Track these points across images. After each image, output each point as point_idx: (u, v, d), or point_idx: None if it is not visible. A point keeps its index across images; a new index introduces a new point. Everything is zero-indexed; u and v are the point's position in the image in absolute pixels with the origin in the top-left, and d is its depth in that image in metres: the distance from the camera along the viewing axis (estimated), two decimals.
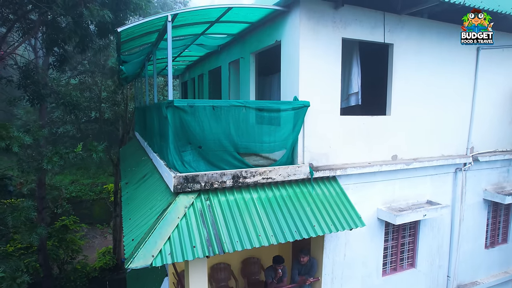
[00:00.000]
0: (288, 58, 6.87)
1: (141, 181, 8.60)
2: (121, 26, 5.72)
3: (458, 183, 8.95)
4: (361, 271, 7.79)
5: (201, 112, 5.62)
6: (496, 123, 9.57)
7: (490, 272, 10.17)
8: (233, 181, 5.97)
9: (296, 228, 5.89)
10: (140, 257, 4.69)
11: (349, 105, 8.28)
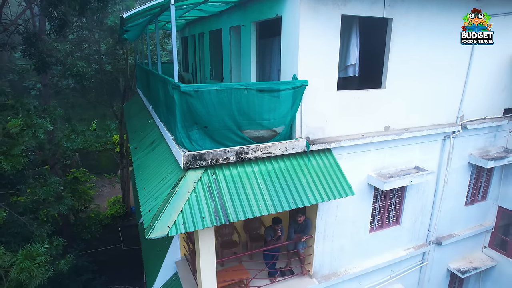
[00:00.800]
0: (288, 36, 7.06)
1: (149, 148, 9.23)
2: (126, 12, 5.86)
3: (446, 149, 9.58)
4: (350, 229, 8.76)
5: (206, 95, 6.04)
6: (489, 91, 9.91)
7: (467, 226, 11.28)
8: (236, 156, 6.58)
9: (292, 198, 6.65)
10: (158, 228, 5.48)
11: (347, 75, 8.57)
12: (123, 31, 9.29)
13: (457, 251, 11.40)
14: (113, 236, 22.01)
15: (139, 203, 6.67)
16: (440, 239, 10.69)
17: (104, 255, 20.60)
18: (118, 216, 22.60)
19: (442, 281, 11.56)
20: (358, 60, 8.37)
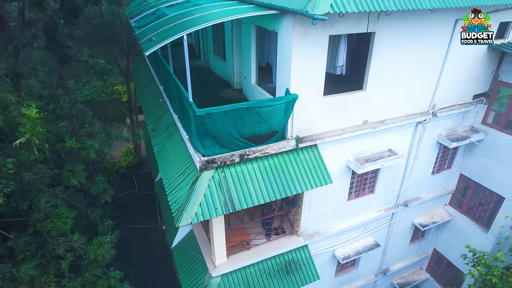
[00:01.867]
0: (282, 51, 8.27)
1: (165, 133, 10.94)
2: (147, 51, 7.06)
3: (417, 133, 11.26)
4: (331, 200, 10.90)
5: (215, 116, 7.60)
6: (461, 81, 11.22)
7: (432, 190, 13.48)
8: (240, 158, 8.37)
9: (283, 188, 8.60)
10: (184, 219, 7.53)
11: (336, 73, 9.89)
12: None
13: (422, 209, 13.78)
14: (129, 183, 24.70)
15: (166, 192, 8.64)
16: (407, 202, 12.97)
17: (122, 200, 23.44)
18: (131, 166, 24.98)
19: (407, 233, 14.18)
20: (345, 62, 9.62)
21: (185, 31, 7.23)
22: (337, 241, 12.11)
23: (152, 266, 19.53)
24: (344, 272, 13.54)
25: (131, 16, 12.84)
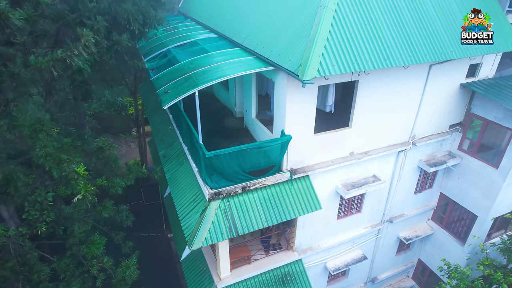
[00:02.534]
0: (278, 101, 9.72)
1: (176, 161, 12.37)
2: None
3: (399, 160, 12.71)
4: (322, 220, 12.34)
5: (222, 157, 9.04)
6: (438, 114, 12.65)
7: (415, 207, 14.92)
8: (242, 189, 9.82)
9: (279, 215, 10.05)
10: (195, 243, 8.97)
11: (326, 111, 11.33)
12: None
13: (406, 224, 15.23)
14: (136, 194, 26.12)
15: (179, 217, 10.09)
16: (392, 219, 14.42)
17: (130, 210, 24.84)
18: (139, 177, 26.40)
19: (393, 245, 15.63)
20: (333, 102, 11.06)
21: (196, 88, 8.68)
22: (328, 255, 13.56)
23: (159, 272, 20.98)
24: (335, 282, 14.99)
25: (143, 52, 14.26)
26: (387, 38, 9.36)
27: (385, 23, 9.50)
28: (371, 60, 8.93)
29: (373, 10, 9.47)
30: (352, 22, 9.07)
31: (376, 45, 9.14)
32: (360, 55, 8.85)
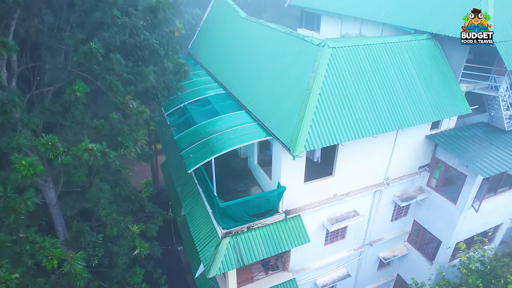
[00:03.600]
0: (276, 159, 12.44)
1: (192, 199, 15.10)
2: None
3: (376, 197, 15.42)
4: (312, 246, 15.04)
5: (232, 206, 11.79)
6: (408, 159, 15.35)
7: (392, 232, 17.65)
8: (247, 228, 12.56)
9: (276, 248, 12.79)
10: (211, 273, 11.73)
11: (314, 161, 14.03)
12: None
13: (385, 246, 17.96)
14: None
15: (197, 249, 12.82)
16: (372, 242, 17.15)
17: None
18: (151, 196, 29.12)
19: (374, 263, 18.36)
20: (320, 154, 13.76)
21: (212, 156, 11.43)
22: (318, 274, 16.31)
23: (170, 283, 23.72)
24: None
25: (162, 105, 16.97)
26: (360, 114, 12.07)
27: (359, 102, 12.22)
28: (347, 134, 11.65)
29: (349, 91, 12.18)
30: (332, 102, 11.79)
31: (351, 121, 11.85)
32: (339, 130, 11.57)
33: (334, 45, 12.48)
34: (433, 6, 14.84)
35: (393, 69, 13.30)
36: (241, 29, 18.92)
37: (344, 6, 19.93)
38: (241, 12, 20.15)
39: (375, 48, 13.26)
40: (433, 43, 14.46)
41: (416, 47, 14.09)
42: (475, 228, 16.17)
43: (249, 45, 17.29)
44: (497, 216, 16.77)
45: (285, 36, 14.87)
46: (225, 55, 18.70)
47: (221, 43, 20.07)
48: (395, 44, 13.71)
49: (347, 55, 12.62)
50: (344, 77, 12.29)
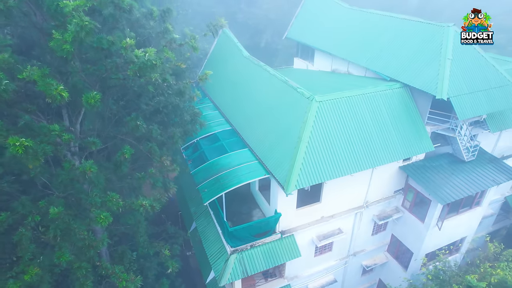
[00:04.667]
0: (273, 192, 15.49)
1: (204, 219, 18.18)
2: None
3: (357, 217, 18.49)
4: (304, 258, 18.13)
5: (239, 230, 14.86)
6: (384, 185, 18.39)
7: (373, 244, 20.74)
8: (250, 246, 15.67)
9: (273, 261, 15.88)
10: (222, 281, 14.85)
11: (305, 189, 17.06)
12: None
13: (367, 256, 21.05)
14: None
15: (210, 262, 15.93)
16: (356, 253, 20.25)
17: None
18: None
19: (358, 270, 21.47)
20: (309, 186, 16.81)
21: (223, 191, 14.49)
22: (309, 280, 19.43)
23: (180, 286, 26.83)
24: None
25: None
26: (340, 157, 15.09)
27: (340, 146, 15.23)
28: (330, 173, 14.68)
29: (332, 137, 15.19)
30: (318, 148, 14.81)
31: (333, 163, 14.88)
32: (323, 171, 14.60)
33: (321, 99, 15.48)
34: (404, 60, 17.81)
35: (369, 116, 16.30)
36: (243, 68, 21.86)
37: (334, 47, 22.87)
38: (243, 51, 23.08)
39: (355, 99, 16.25)
40: (405, 91, 17.44)
41: (390, 95, 17.08)
42: (441, 242, 19.27)
43: (250, 85, 20.28)
44: (460, 231, 19.85)
45: (281, 84, 17.85)
46: (230, 91, 21.67)
47: (226, 78, 23.02)
48: (372, 94, 16.69)
49: (331, 107, 15.62)
50: (328, 125, 15.30)
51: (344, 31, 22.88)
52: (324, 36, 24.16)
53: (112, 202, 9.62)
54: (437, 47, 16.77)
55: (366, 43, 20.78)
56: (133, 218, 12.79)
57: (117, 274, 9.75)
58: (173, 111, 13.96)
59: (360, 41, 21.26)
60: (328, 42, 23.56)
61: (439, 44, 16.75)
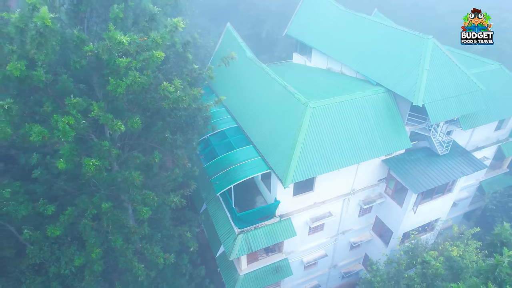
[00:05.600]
0: (274, 184, 18.49)
1: (214, 204, 21.33)
2: None
3: (345, 202, 21.62)
4: (300, 236, 21.42)
5: (245, 215, 18.00)
6: (369, 175, 21.37)
7: (359, 224, 24.03)
8: (254, 228, 18.89)
9: (272, 240, 19.16)
10: (231, 256, 18.17)
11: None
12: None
13: (355, 234, 24.40)
14: None
15: (220, 239, 19.22)
16: (344, 231, 23.58)
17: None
18: None
19: (346, 246, 24.90)
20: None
21: (232, 184, 17.49)
22: (304, 254, 22.88)
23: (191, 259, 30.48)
24: (309, 269, 24.43)
25: None
26: (330, 154, 17.95)
27: (329, 145, 18.06)
28: (320, 168, 17.61)
29: (323, 138, 17.99)
30: (311, 147, 17.64)
31: (323, 159, 17.76)
32: (314, 167, 17.51)
33: (314, 105, 18.13)
34: (389, 67, 20.27)
35: (356, 118, 19.01)
36: (246, 69, 24.27)
37: (329, 48, 25.15)
38: (247, 51, 25.35)
39: (344, 104, 18.90)
40: (389, 95, 20.03)
41: (375, 100, 19.69)
42: (417, 223, 22.53)
43: (253, 86, 22.80)
44: (434, 214, 23.05)
45: (281, 88, 20.40)
46: (234, 90, 24.20)
47: (230, 77, 25.44)
48: (359, 99, 19.31)
49: (323, 111, 18.30)
50: (320, 128, 18.06)
51: (339, 33, 25.07)
52: (321, 36, 26.35)
53: (150, 199, 12.57)
54: (417, 57, 19.20)
55: (357, 47, 23.09)
56: (162, 209, 15.84)
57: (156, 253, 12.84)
58: (190, 119, 16.60)
59: (353, 44, 23.55)
60: (324, 42, 25.80)
61: (419, 54, 19.16)
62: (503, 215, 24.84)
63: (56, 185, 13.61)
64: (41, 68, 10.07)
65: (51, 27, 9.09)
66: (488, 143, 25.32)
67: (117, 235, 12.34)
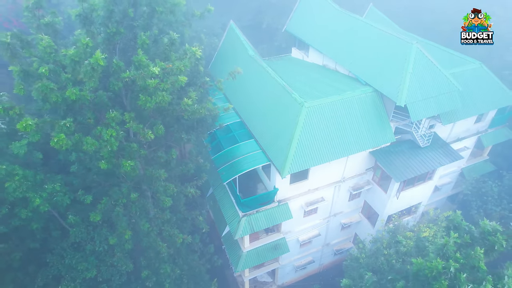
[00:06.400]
0: (273, 174, 21.17)
1: (221, 190, 24.12)
2: None
3: (336, 189, 24.38)
4: (296, 219, 24.31)
5: (248, 201, 20.80)
6: (358, 165, 24.01)
7: (349, 208, 26.90)
8: (256, 211, 21.73)
9: (272, 222, 22.04)
10: (236, 236, 21.11)
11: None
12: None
13: (345, 216, 27.33)
14: None
15: (226, 221, 22.13)
16: (336, 214, 26.49)
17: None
18: None
19: (338, 227, 27.88)
20: None
21: (236, 174, 20.17)
22: (299, 234, 25.88)
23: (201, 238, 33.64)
24: (304, 247, 27.51)
25: None
26: (322, 148, 20.52)
27: (322, 140, 20.58)
28: (314, 161, 20.22)
29: (316, 134, 20.49)
30: (305, 143, 20.18)
31: (316, 153, 20.34)
32: (308, 159, 20.12)
33: (309, 105, 20.52)
34: (377, 68, 22.49)
35: (346, 116, 21.45)
36: (248, 66, 26.44)
37: (324, 46, 27.22)
38: (249, 49, 27.43)
39: (336, 103, 21.28)
40: (376, 95, 22.36)
41: (364, 99, 22.06)
42: (400, 206, 25.37)
43: (255, 83, 25.08)
44: (416, 199, 25.86)
45: (279, 87, 22.71)
46: (237, 86, 26.46)
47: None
48: (349, 99, 21.67)
49: (317, 110, 20.72)
50: (314, 125, 20.54)
51: (333, 33, 27.06)
52: (317, 34, 28.33)
53: (170, 190, 15.20)
54: (402, 60, 21.40)
55: (350, 47, 25.19)
56: (177, 196, 18.53)
57: (176, 234, 15.62)
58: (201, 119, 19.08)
59: (346, 44, 25.62)
60: (320, 40, 27.82)
61: (404, 58, 21.36)
62: (477, 200, 27.69)
63: (89, 178, 16.28)
64: (88, 90, 12.51)
65: (101, 64, 11.48)
66: (468, 134, 27.83)
67: (144, 220, 15.04)
